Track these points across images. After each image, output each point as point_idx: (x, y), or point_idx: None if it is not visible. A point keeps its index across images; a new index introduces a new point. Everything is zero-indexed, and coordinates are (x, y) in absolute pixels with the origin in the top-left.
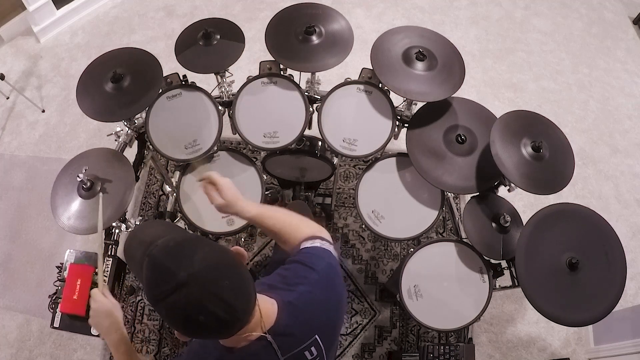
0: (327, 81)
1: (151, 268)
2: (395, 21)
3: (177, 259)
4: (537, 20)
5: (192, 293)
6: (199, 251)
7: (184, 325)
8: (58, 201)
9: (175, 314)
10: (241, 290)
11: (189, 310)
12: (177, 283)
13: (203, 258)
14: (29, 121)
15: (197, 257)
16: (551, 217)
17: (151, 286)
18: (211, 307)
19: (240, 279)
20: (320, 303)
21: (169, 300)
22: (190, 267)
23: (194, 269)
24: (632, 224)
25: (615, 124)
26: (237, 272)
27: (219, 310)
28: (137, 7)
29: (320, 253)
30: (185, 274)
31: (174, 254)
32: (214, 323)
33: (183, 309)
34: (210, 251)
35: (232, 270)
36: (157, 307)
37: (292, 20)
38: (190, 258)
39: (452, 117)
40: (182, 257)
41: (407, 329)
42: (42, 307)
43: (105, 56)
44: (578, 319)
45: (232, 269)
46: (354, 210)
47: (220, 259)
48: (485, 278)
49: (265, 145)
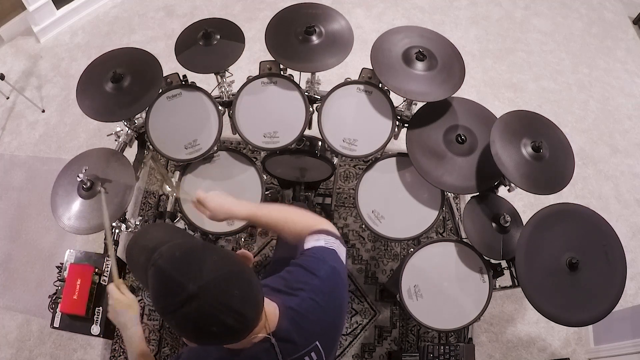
0: (327, 81)
1: (158, 279)
2: (395, 21)
3: (185, 270)
4: (537, 20)
5: (203, 305)
6: (207, 260)
7: (195, 335)
8: (58, 201)
9: (185, 325)
10: (251, 297)
11: (200, 322)
12: (188, 296)
13: (212, 268)
14: (29, 121)
15: (206, 267)
16: (551, 217)
17: (159, 298)
18: (222, 317)
19: (249, 285)
20: (322, 309)
21: (179, 313)
22: (199, 278)
23: (203, 281)
24: (632, 224)
25: (615, 124)
26: (246, 279)
27: (230, 320)
28: (137, 7)
29: (324, 255)
30: (195, 287)
31: (182, 265)
32: (225, 332)
33: (195, 320)
34: (218, 260)
35: (241, 278)
36: (166, 318)
37: (292, 20)
38: (198, 269)
39: (452, 117)
40: (190, 267)
41: (407, 329)
42: (42, 307)
43: (105, 56)
44: (578, 319)
45: (241, 276)
46: (354, 210)
47: (229, 267)
48: (485, 278)
49: (265, 145)
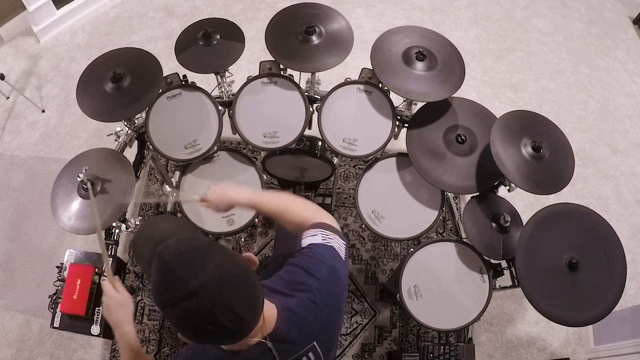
0: (327, 81)
1: (161, 272)
2: (395, 21)
3: (189, 266)
4: (537, 20)
5: (202, 303)
6: (212, 259)
7: (190, 333)
8: (58, 201)
9: (183, 321)
10: (251, 301)
11: (197, 320)
12: (188, 291)
13: (215, 267)
14: (29, 121)
15: (210, 265)
16: (551, 217)
17: (161, 291)
18: (220, 317)
19: (251, 289)
20: (320, 310)
21: (178, 308)
22: (202, 276)
23: (206, 279)
24: (632, 224)
25: (615, 124)
26: (248, 281)
27: (228, 321)
28: (137, 7)
29: (323, 254)
30: (197, 283)
31: (186, 261)
32: (221, 332)
33: (192, 317)
34: (222, 259)
35: (243, 280)
36: (165, 311)
37: (292, 20)
38: (202, 266)
39: (452, 117)
40: (194, 264)
41: (407, 329)
42: (42, 307)
43: (105, 56)
44: (578, 319)
45: (244, 279)
46: (354, 210)
47: (232, 267)
48: (485, 278)
49: (265, 145)
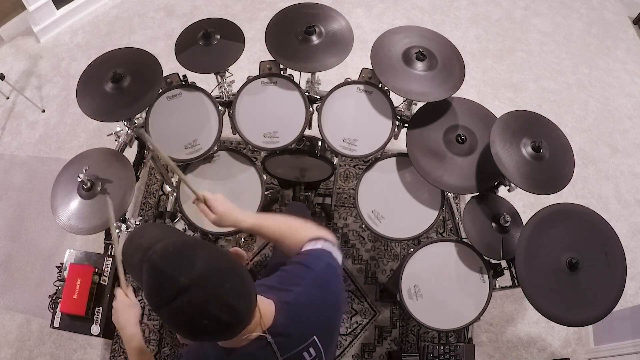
0: (327, 81)
1: (151, 274)
2: (395, 21)
3: (177, 264)
4: (537, 20)
5: (194, 298)
6: (199, 255)
7: (187, 330)
8: (58, 201)
9: (177, 319)
10: (243, 292)
11: (191, 315)
12: (179, 288)
13: (204, 262)
14: (29, 121)
15: (198, 261)
16: (551, 217)
17: (152, 292)
18: (214, 310)
19: (241, 280)
20: (318, 303)
21: (171, 306)
22: (191, 272)
23: (195, 274)
24: (632, 224)
25: (615, 124)
26: (237, 273)
27: (222, 313)
28: (137, 7)
29: (320, 254)
30: (186, 279)
31: (174, 259)
32: (217, 326)
33: (186, 314)
34: (209, 254)
35: (232, 272)
36: (160, 312)
37: (292, 20)
38: (190, 263)
39: (452, 117)
40: (182, 262)
41: (407, 329)
42: (42, 307)
43: (105, 56)
44: (578, 319)
45: (233, 271)
46: (354, 210)
47: (221, 261)
48: (485, 278)
49: (265, 145)
